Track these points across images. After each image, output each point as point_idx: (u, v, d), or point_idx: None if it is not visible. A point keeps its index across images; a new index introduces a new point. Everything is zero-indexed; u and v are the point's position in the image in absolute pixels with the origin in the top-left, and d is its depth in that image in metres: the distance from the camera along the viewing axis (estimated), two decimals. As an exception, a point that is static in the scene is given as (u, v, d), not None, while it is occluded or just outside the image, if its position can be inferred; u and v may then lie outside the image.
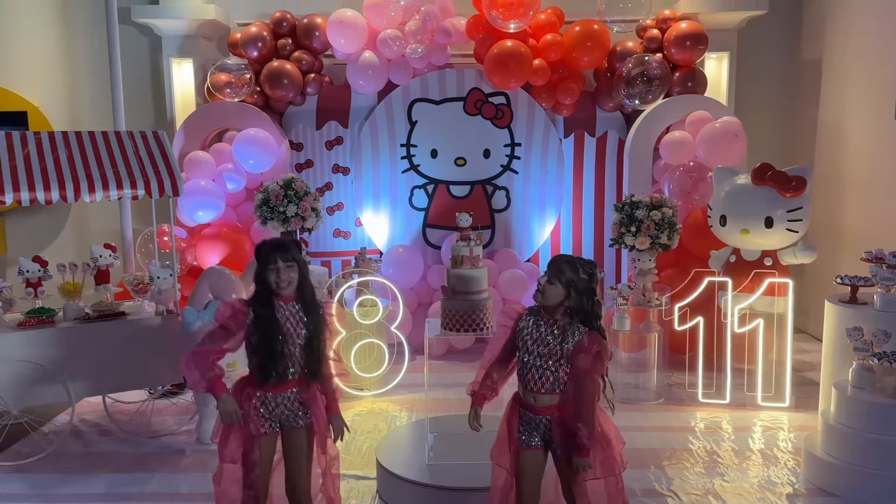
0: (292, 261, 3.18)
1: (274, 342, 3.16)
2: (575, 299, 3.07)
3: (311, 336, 3.24)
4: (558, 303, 3.09)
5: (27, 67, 7.38)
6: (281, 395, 3.24)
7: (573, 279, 3.05)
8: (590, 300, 3.09)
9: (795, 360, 5.69)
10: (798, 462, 4.59)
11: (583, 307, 3.08)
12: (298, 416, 3.30)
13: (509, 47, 6.74)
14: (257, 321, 3.16)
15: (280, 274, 3.15)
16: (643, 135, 6.87)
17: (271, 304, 3.18)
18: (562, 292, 3.06)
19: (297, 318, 3.22)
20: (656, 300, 5.71)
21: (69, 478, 4.51)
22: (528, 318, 3.19)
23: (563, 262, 3.10)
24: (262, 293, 3.21)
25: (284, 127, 7.35)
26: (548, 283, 3.07)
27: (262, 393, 3.23)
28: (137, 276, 5.52)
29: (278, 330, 3.16)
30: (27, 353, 4.68)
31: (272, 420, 3.27)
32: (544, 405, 3.16)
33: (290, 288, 3.19)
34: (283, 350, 3.17)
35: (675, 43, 6.80)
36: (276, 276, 3.15)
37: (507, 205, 7.42)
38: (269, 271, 3.16)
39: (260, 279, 3.20)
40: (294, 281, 3.19)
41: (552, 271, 3.08)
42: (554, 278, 3.06)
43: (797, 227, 5.49)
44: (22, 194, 4.54)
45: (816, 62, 7.38)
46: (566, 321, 3.09)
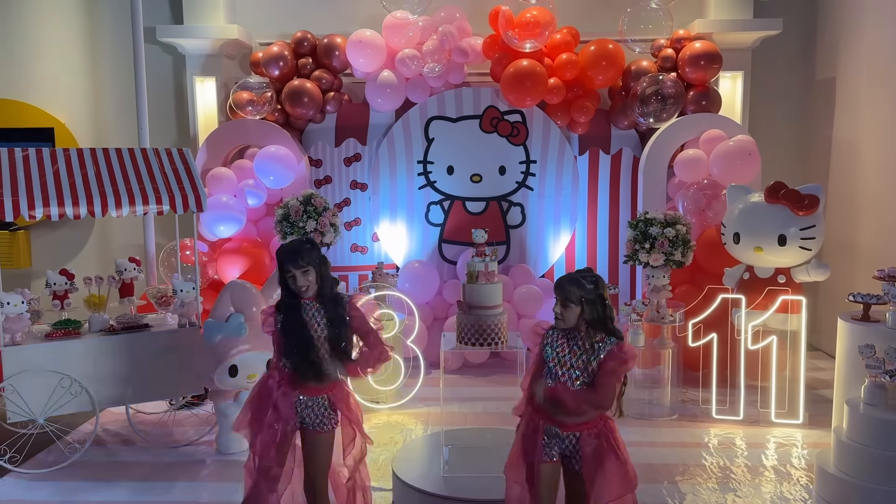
0: (306, 265, 3.26)
1: (302, 344, 3.27)
2: (589, 311, 3.15)
3: (333, 329, 3.32)
4: (578, 321, 3.18)
5: (54, 85, 7.58)
6: (314, 399, 3.36)
7: (582, 295, 3.14)
8: (602, 306, 3.17)
9: (809, 376, 5.70)
10: (811, 479, 4.60)
11: (598, 316, 3.16)
12: (325, 422, 3.40)
13: (525, 66, 6.85)
14: (285, 324, 3.30)
15: (297, 280, 3.26)
16: (658, 152, 6.94)
17: (295, 306, 3.30)
18: (578, 311, 3.16)
19: (318, 317, 3.31)
20: (670, 316, 5.75)
21: (92, 486, 4.61)
22: (555, 333, 3.28)
23: (568, 283, 3.17)
24: (286, 296, 3.33)
25: (304, 144, 7.49)
26: (563, 308, 3.17)
27: (298, 395, 3.36)
28: (161, 289, 5.65)
29: (306, 331, 3.27)
30: (53, 363, 4.82)
31: (298, 419, 3.40)
32: (577, 421, 3.21)
33: (310, 290, 3.29)
34: (311, 352, 3.27)
35: (689, 62, 6.88)
36: (294, 283, 3.27)
37: (522, 221, 7.50)
38: (288, 279, 3.28)
39: (282, 284, 3.33)
40: (313, 283, 3.29)
41: (562, 296, 3.17)
42: (567, 302, 3.15)
43: (810, 245, 5.52)
44: (51, 209, 4.69)
45: (830, 81, 7.42)
46: (591, 334, 3.17)
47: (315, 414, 3.39)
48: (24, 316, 4.84)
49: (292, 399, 3.37)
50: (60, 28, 7.62)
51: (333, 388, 3.41)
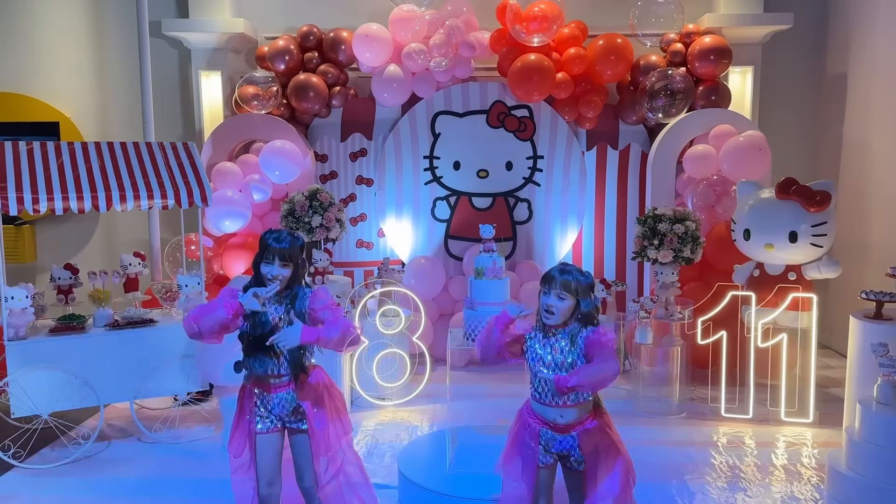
0: (289, 262, 3.17)
1: (259, 330, 3.18)
2: (584, 304, 3.06)
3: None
4: (569, 316, 3.07)
5: (59, 79, 7.56)
6: (277, 395, 3.27)
7: (578, 287, 3.03)
8: (594, 299, 3.09)
9: (819, 375, 5.64)
10: (822, 478, 4.54)
11: (590, 310, 3.07)
12: (298, 420, 3.33)
13: (532, 61, 6.79)
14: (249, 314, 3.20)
15: (273, 270, 3.15)
16: (666, 148, 6.87)
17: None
18: (572, 304, 3.04)
19: (284, 310, 3.21)
20: (679, 314, 5.70)
21: (96, 481, 4.59)
22: (536, 335, 3.15)
23: (562, 275, 3.04)
24: (255, 281, 3.23)
25: (310, 139, 7.45)
26: (559, 300, 3.03)
27: (260, 391, 3.29)
28: (166, 283, 5.62)
29: (263, 319, 3.17)
30: (58, 358, 4.79)
31: (272, 417, 3.31)
32: (573, 420, 3.12)
33: (280, 286, 3.18)
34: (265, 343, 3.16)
35: (699, 57, 6.81)
36: (268, 270, 3.15)
37: (528, 217, 7.45)
38: (263, 262, 3.17)
39: (255, 266, 3.22)
40: (285, 280, 3.18)
41: (558, 288, 3.02)
42: (564, 293, 3.02)
43: (822, 242, 5.46)
44: (56, 203, 4.66)
45: (842, 76, 7.35)
46: (573, 327, 3.06)
47: (284, 409, 3.31)
48: (29, 310, 4.81)
49: (255, 399, 3.31)
50: (66, 22, 7.59)
51: (297, 386, 3.29)
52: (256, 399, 3.31)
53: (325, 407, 3.33)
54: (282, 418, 3.34)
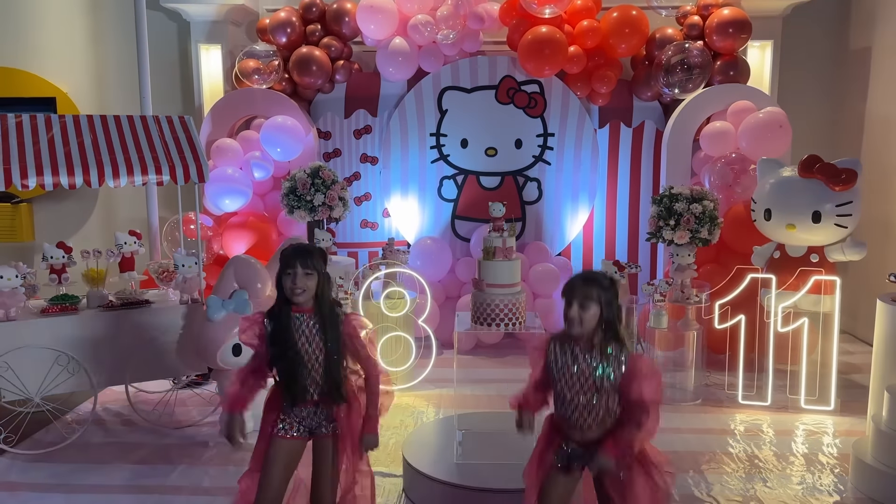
0: (312, 269, 2.98)
1: (287, 355, 3.00)
2: (607, 312, 2.83)
3: (329, 353, 3.02)
4: (596, 325, 2.84)
5: (56, 54, 7.36)
6: (305, 409, 3.10)
7: (601, 294, 2.81)
8: (617, 308, 2.88)
9: (840, 361, 5.43)
10: (845, 468, 4.35)
11: (614, 318, 2.85)
12: (324, 425, 3.14)
13: (544, 33, 6.53)
14: (272, 331, 3.03)
15: (296, 280, 2.96)
16: (682, 125, 6.62)
17: (286, 314, 3.01)
18: (598, 313, 2.82)
19: (311, 333, 3.01)
20: (695, 297, 5.50)
21: (90, 468, 4.44)
22: (555, 345, 2.94)
23: (585, 282, 2.84)
24: (278, 300, 3.05)
25: (312, 115, 7.22)
26: (582, 309, 2.80)
27: (287, 403, 3.10)
28: (162, 263, 5.43)
29: (291, 343, 2.99)
30: (50, 340, 4.62)
31: (300, 425, 3.12)
32: (594, 437, 2.90)
33: (304, 296, 2.98)
34: (296, 367, 3.00)
35: (716, 30, 6.54)
36: (291, 282, 2.96)
37: (538, 197, 7.22)
38: (286, 276, 2.98)
39: (278, 283, 3.04)
40: (310, 290, 2.98)
41: (581, 296, 2.81)
42: (587, 302, 2.80)
43: (846, 223, 5.23)
44: (45, 178, 4.45)
45: (865, 51, 7.06)
46: (599, 339, 2.85)
47: (313, 420, 3.13)
48: (19, 290, 4.63)
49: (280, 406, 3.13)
50: (62, -5, 7.37)
51: (325, 402, 3.12)
52: (284, 409, 3.12)
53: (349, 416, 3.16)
54: (310, 428, 3.14)
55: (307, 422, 3.12)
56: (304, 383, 3.02)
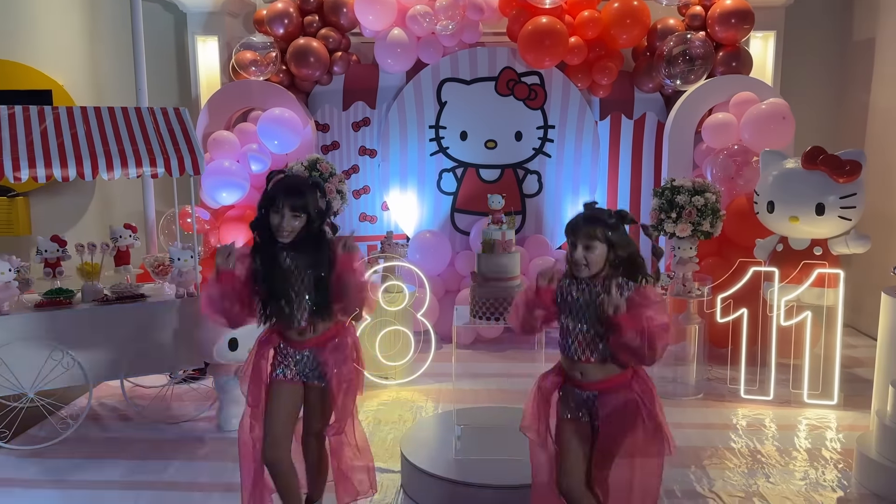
0: (301, 211, 2.88)
1: (276, 287, 2.95)
2: (617, 251, 2.74)
3: (318, 276, 2.96)
4: (603, 265, 2.76)
5: (52, 46, 7.28)
6: (299, 352, 3.09)
7: (608, 230, 2.73)
8: (629, 242, 2.77)
9: (844, 355, 5.36)
10: (848, 464, 4.30)
11: (628, 254, 2.75)
12: (316, 375, 3.13)
13: (544, 24, 6.45)
14: (262, 266, 2.95)
15: (283, 221, 2.87)
16: (684, 117, 6.55)
17: (274, 248, 2.94)
18: (604, 252, 2.73)
19: (297, 265, 2.95)
20: (697, 290, 5.44)
21: (85, 463, 4.38)
22: (566, 280, 2.88)
23: (586, 221, 2.76)
24: (263, 235, 2.95)
25: (310, 107, 7.15)
26: (587, 251, 2.72)
27: (283, 345, 3.11)
28: (158, 257, 5.38)
29: (283, 274, 2.94)
30: (44, 334, 4.56)
31: (296, 368, 3.13)
32: (594, 379, 2.85)
33: (290, 237, 2.91)
34: (287, 295, 2.95)
35: (719, 20, 6.46)
36: (277, 220, 2.87)
37: (538, 189, 7.15)
38: (273, 213, 2.88)
39: (261, 217, 2.93)
40: (296, 230, 2.91)
41: (584, 237, 2.72)
42: (592, 241, 2.71)
43: (850, 215, 5.16)
44: (38, 171, 4.39)
45: (869, 42, 6.98)
46: (608, 273, 2.77)
47: (306, 366, 3.13)
48: (12, 284, 4.58)
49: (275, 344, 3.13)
50: (57, -13, 7.29)
51: (318, 342, 3.09)
52: (279, 350, 3.13)
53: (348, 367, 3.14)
54: (304, 373, 3.14)
55: (301, 366, 3.12)
56: (291, 309, 2.97)
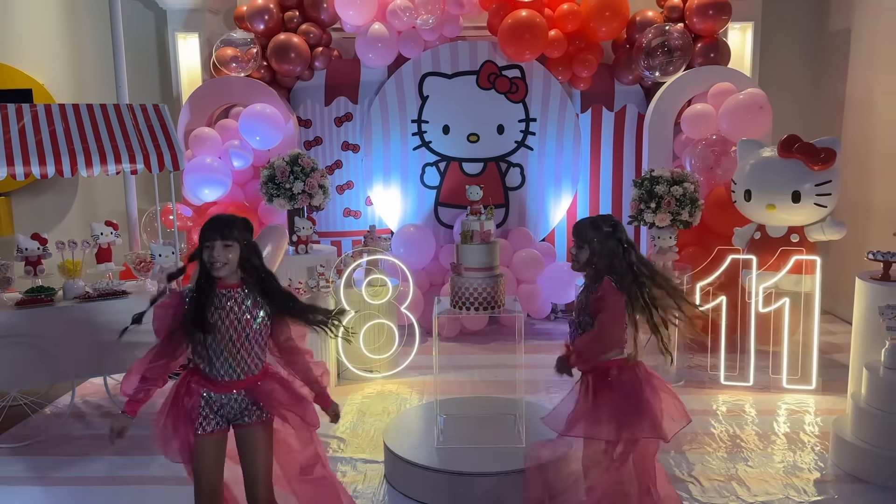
0: (232, 240, 2.76)
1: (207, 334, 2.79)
2: (603, 257, 3.08)
3: (282, 305, 2.87)
4: (589, 263, 3.14)
5: (32, 45, 7.24)
6: (226, 395, 2.87)
7: (596, 236, 3.09)
8: (616, 250, 3.07)
9: (822, 341, 5.45)
10: (825, 447, 4.37)
11: (613, 261, 3.07)
12: (247, 413, 2.91)
13: (524, 17, 6.49)
14: (190, 308, 2.79)
15: (214, 252, 2.74)
16: (664, 108, 6.61)
17: (209, 290, 2.80)
18: (587, 252, 3.12)
19: (242, 307, 2.82)
20: (677, 279, 5.48)
21: (69, 460, 4.40)
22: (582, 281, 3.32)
23: (583, 223, 3.17)
24: (200, 277, 2.81)
25: (292, 103, 7.16)
26: (577, 248, 3.16)
27: (207, 392, 2.86)
28: (140, 254, 5.38)
29: (207, 318, 2.77)
30: (26, 332, 4.56)
31: (218, 418, 2.89)
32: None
33: (225, 269, 2.77)
34: (218, 347, 2.81)
35: (697, 12, 6.52)
36: (209, 255, 2.74)
37: (521, 182, 7.20)
38: (205, 249, 2.76)
39: (199, 258, 2.81)
40: (231, 263, 2.77)
41: (577, 237, 3.16)
42: (580, 242, 3.13)
43: (826, 202, 5.23)
44: (16, 168, 4.39)
45: (844, 32, 7.06)
46: (591, 275, 3.15)
47: (233, 408, 2.90)
48: (-7, 283, 4.58)
49: (198, 397, 2.87)
50: (36, -16, 7.25)
51: (249, 385, 2.90)
52: (199, 400, 2.87)
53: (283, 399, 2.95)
54: (229, 418, 2.92)
55: (225, 410, 2.90)
56: (227, 364, 2.82)
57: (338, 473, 4.14)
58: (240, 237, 2.80)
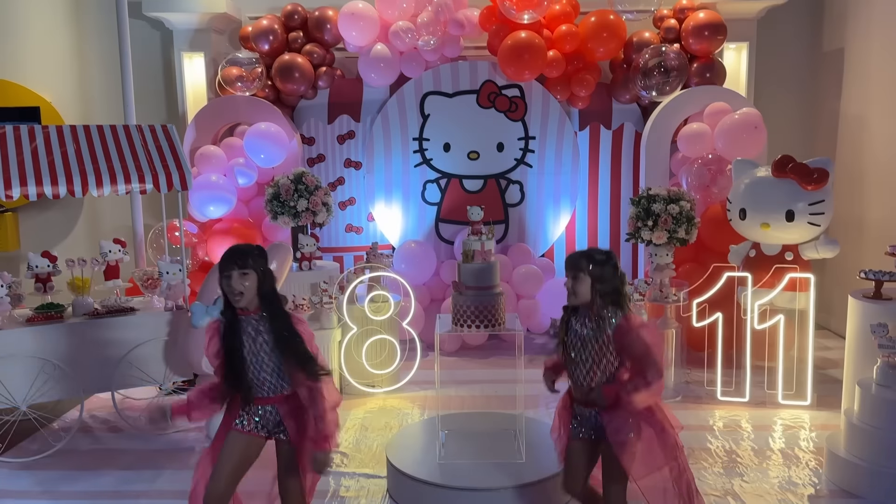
0: (248, 268, 2.95)
1: (233, 358, 3.02)
2: (601, 282, 3.06)
3: (279, 341, 3.00)
4: (591, 296, 3.08)
5: (39, 63, 7.37)
6: (261, 407, 3.12)
7: (593, 264, 3.06)
8: (614, 277, 3.07)
9: (817, 356, 5.54)
10: (820, 462, 4.45)
11: (611, 288, 3.07)
12: (281, 428, 3.15)
13: (523, 38, 6.62)
14: (223, 332, 3.04)
15: (232, 282, 2.94)
16: (660, 127, 6.73)
17: (233, 317, 3.02)
18: (588, 281, 3.06)
19: (257, 331, 3.01)
20: (674, 296, 5.59)
21: (77, 474, 4.48)
22: (568, 313, 3.22)
23: (578, 255, 3.13)
24: (225, 305, 3.05)
25: (296, 121, 7.28)
26: (574, 280, 3.09)
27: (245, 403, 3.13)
28: (147, 271, 5.47)
29: (238, 344, 3.00)
30: (36, 348, 4.66)
31: (256, 424, 3.13)
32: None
33: (244, 299, 2.97)
34: (242, 369, 3.02)
35: (692, 33, 6.65)
36: (227, 285, 2.95)
37: (521, 199, 7.31)
38: (224, 279, 2.97)
39: (223, 288, 3.02)
40: (249, 291, 2.96)
41: (572, 268, 3.10)
42: (577, 272, 3.07)
43: (819, 221, 5.34)
44: (29, 188, 4.50)
45: (838, 52, 7.20)
46: (598, 305, 3.08)
47: (269, 420, 3.15)
48: (5, 300, 4.68)
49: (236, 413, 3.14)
50: (46, 4, 7.37)
51: (279, 401, 3.12)
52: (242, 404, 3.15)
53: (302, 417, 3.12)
54: (268, 428, 3.15)
55: (264, 420, 3.12)
56: (249, 384, 3.04)
57: (341, 488, 4.23)
58: (255, 265, 2.98)
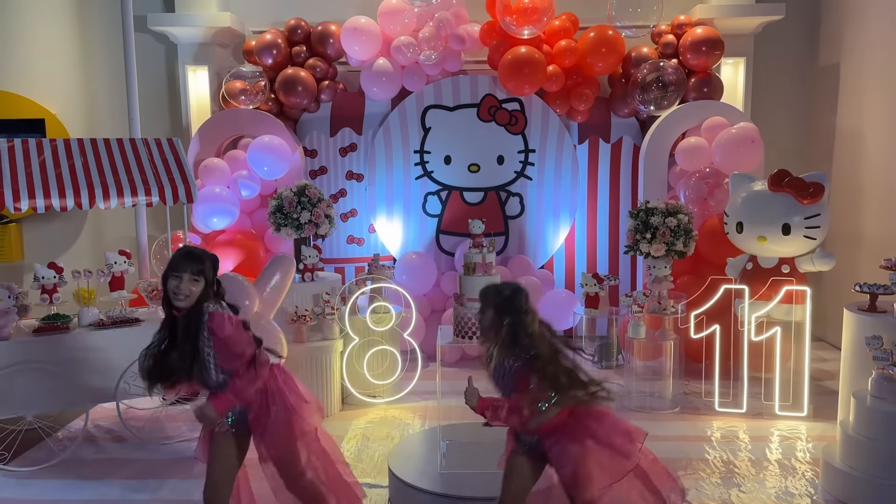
0: (200, 276, 3.00)
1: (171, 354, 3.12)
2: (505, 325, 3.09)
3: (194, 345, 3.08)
4: (494, 331, 3.13)
5: (45, 75, 7.44)
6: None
7: (495, 301, 3.11)
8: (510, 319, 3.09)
9: (813, 368, 5.60)
10: (816, 473, 4.50)
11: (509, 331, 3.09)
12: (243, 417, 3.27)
13: (523, 53, 6.72)
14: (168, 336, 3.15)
15: (181, 283, 2.98)
16: (659, 141, 6.82)
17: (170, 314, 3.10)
18: (490, 318, 3.12)
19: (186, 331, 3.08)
20: (672, 308, 5.65)
21: (82, 484, 4.52)
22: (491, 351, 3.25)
23: (486, 290, 3.19)
24: (164, 300, 3.09)
25: (299, 134, 7.36)
26: (480, 312, 3.18)
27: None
28: (151, 282, 5.53)
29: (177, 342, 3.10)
30: (42, 358, 4.70)
31: (233, 418, 3.26)
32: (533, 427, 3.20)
33: (186, 302, 3.00)
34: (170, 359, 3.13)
35: (690, 48, 6.75)
36: (175, 285, 2.98)
37: (521, 211, 7.39)
38: (172, 277, 2.99)
39: (163, 282, 3.04)
40: (193, 296, 3.00)
41: (480, 301, 3.18)
42: (484, 306, 3.15)
43: (815, 234, 5.42)
44: (37, 201, 4.57)
45: (834, 67, 7.30)
46: (491, 345, 3.16)
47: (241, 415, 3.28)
48: (11, 310, 4.73)
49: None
50: (51, 17, 7.46)
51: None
52: None
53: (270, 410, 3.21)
54: (241, 421, 3.26)
55: (236, 414, 3.25)
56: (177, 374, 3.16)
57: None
58: (208, 275, 3.03)
